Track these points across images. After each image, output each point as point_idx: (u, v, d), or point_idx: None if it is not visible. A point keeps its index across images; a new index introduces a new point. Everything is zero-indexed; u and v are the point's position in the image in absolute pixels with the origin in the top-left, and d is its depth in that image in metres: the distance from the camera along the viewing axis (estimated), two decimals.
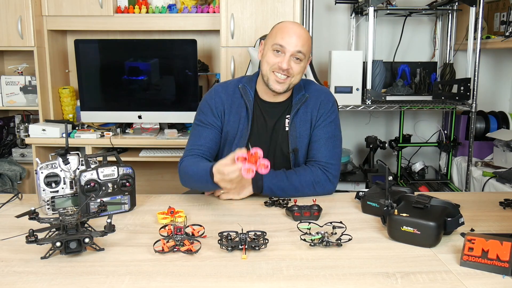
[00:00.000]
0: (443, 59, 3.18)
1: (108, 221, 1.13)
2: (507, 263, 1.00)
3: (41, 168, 1.37)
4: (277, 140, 1.65)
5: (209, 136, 1.63)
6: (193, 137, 1.65)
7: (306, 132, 1.64)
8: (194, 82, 2.80)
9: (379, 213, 1.34)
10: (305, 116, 1.64)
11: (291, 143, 1.63)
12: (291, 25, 1.56)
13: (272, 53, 1.54)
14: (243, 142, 1.61)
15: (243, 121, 1.63)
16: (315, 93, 1.66)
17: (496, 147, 2.80)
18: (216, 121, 1.64)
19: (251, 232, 1.18)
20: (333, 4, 3.05)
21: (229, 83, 1.70)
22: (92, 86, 2.86)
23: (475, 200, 1.54)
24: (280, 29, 1.55)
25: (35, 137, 2.73)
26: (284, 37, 1.52)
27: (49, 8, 2.78)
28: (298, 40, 1.52)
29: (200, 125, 1.65)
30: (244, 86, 1.65)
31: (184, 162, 1.58)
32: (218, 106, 1.64)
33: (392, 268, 1.04)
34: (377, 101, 2.75)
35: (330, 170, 1.60)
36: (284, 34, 1.52)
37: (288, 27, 1.54)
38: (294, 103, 1.64)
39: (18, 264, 1.06)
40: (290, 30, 1.53)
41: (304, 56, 1.54)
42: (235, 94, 1.65)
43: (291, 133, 1.63)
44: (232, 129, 1.64)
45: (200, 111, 1.67)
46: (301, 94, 1.64)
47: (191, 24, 2.81)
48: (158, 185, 3.17)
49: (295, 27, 1.55)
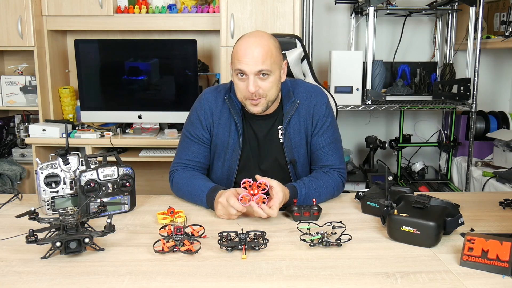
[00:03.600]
0: (443, 59, 3.18)
1: (108, 221, 1.13)
2: (507, 263, 1.00)
3: (41, 168, 1.37)
4: (271, 152, 1.60)
5: (197, 151, 1.60)
6: (181, 149, 1.62)
7: (302, 142, 1.59)
8: (194, 82, 2.80)
9: (379, 213, 1.34)
10: (298, 125, 1.58)
11: (287, 154, 1.58)
12: (245, 44, 1.43)
13: (237, 78, 1.47)
14: (236, 157, 1.58)
15: (233, 135, 1.58)
16: (306, 97, 1.58)
17: (496, 147, 2.80)
18: (204, 134, 1.59)
19: (251, 232, 1.18)
20: (333, 4, 3.05)
21: (218, 91, 1.63)
22: (92, 86, 2.86)
23: (475, 200, 1.54)
24: (236, 52, 1.44)
25: (35, 137, 2.73)
26: (241, 61, 1.42)
27: (49, 8, 2.78)
28: (255, 59, 1.40)
29: (188, 138, 1.60)
30: (230, 97, 1.58)
31: (176, 176, 1.57)
32: (207, 117, 1.59)
33: (392, 268, 1.04)
34: (377, 101, 2.75)
35: (343, 174, 1.60)
36: (240, 57, 1.42)
37: (242, 48, 1.43)
38: (285, 112, 1.57)
39: (18, 264, 1.06)
40: (245, 51, 1.41)
41: (270, 70, 1.43)
42: (224, 105, 1.59)
43: (285, 144, 1.57)
44: (221, 142, 1.59)
45: (189, 121, 1.62)
46: (291, 101, 1.57)
47: (191, 24, 2.81)
48: (158, 185, 3.17)
49: (250, 45, 1.42)
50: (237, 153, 1.58)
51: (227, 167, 1.60)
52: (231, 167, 1.59)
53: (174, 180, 1.57)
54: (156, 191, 2.78)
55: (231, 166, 1.59)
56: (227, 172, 1.60)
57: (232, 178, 1.60)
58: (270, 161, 1.61)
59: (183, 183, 1.53)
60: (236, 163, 1.58)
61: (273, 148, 1.60)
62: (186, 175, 1.55)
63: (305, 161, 1.62)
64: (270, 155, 1.61)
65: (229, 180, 1.61)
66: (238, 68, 1.44)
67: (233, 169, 1.59)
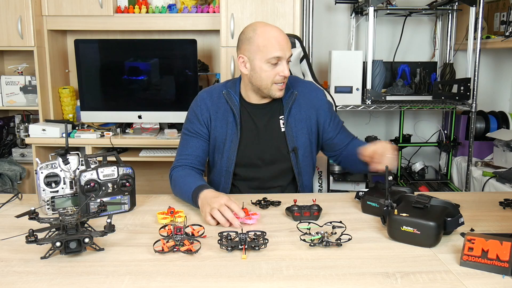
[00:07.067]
0: (443, 59, 3.18)
1: (108, 221, 1.13)
2: (507, 263, 1.00)
3: (41, 168, 1.37)
4: (271, 140, 1.65)
5: (196, 145, 1.64)
6: (181, 146, 1.67)
7: (303, 131, 1.65)
8: (194, 82, 2.80)
9: (379, 213, 1.34)
10: (299, 114, 1.65)
11: (290, 143, 1.64)
12: (275, 32, 1.52)
13: (267, 66, 1.52)
14: (234, 148, 1.62)
15: (231, 126, 1.63)
16: (304, 89, 1.68)
17: (496, 147, 2.80)
18: (202, 128, 1.64)
19: (251, 232, 1.18)
20: (333, 4, 3.05)
21: (213, 88, 1.69)
22: (92, 86, 2.86)
23: (475, 200, 1.54)
24: (268, 40, 1.51)
25: (35, 137, 2.73)
26: (278, 47, 1.50)
27: (49, 8, 2.78)
28: (288, 45, 1.53)
29: (187, 134, 1.66)
30: (228, 92, 1.64)
31: (174, 174, 1.60)
32: (203, 113, 1.64)
33: (392, 268, 1.04)
34: (377, 101, 2.75)
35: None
36: (276, 44, 1.50)
37: (275, 35, 1.51)
38: (284, 102, 1.65)
39: (18, 264, 1.06)
40: (279, 38, 1.51)
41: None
42: (220, 100, 1.65)
43: (287, 132, 1.64)
44: (220, 134, 1.64)
45: (187, 120, 1.68)
46: (289, 92, 1.65)
47: (191, 24, 2.81)
48: (158, 185, 3.17)
49: (279, 33, 1.53)
50: (235, 144, 1.62)
51: (225, 158, 1.63)
52: (229, 157, 1.63)
53: (172, 178, 1.60)
54: (156, 191, 2.77)
55: (230, 156, 1.63)
56: (226, 163, 1.64)
57: (230, 169, 1.63)
58: (271, 150, 1.65)
59: (178, 180, 1.55)
60: (235, 154, 1.62)
61: (274, 137, 1.65)
62: (182, 173, 1.58)
63: (306, 150, 1.67)
64: (271, 144, 1.65)
65: (228, 171, 1.64)
66: (276, 56, 1.51)
67: (231, 160, 1.63)
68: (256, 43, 1.52)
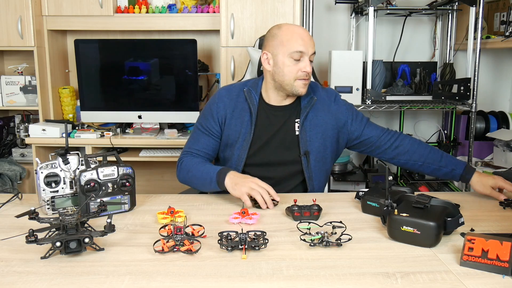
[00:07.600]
0: (443, 59, 3.18)
1: (108, 221, 1.13)
2: (507, 263, 1.00)
3: (41, 168, 1.37)
4: (284, 143, 1.65)
5: (206, 142, 1.67)
6: (192, 139, 1.69)
7: (318, 136, 1.64)
8: (194, 82, 2.80)
9: (379, 213, 1.34)
10: (315, 119, 1.65)
11: (302, 147, 1.63)
12: (297, 29, 1.57)
13: (290, 61, 1.55)
14: (245, 146, 1.63)
15: (245, 125, 1.63)
16: (323, 96, 1.69)
17: (496, 147, 2.80)
18: (215, 126, 1.66)
19: (251, 232, 1.18)
20: (333, 4, 3.05)
21: (233, 86, 1.71)
22: (92, 86, 2.86)
23: (475, 200, 1.54)
24: (291, 35, 1.55)
25: (35, 137, 2.73)
26: (301, 42, 1.54)
27: (49, 8, 2.78)
28: (311, 41, 1.56)
29: (200, 129, 1.68)
30: (249, 90, 1.65)
31: (186, 161, 1.62)
32: (219, 111, 1.65)
33: (392, 268, 1.04)
34: (377, 101, 2.75)
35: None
36: (299, 39, 1.54)
37: (298, 31, 1.56)
38: (303, 106, 1.64)
39: (18, 264, 1.06)
40: (302, 34, 1.55)
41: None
42: (239, 98, 1.66)
43: (301, 136, 1.63)
44: (233, 132, 1.64)
45: (202, 114, 1.70)
46: (309, 97, 1.65)
47: (191, 24, 2.81)
48: (158, 185, 3.17)
49: (302, 30, 1.58)
50: (248, 142, 1.63)
51: (236, 155, 1.64)
52: (240, 156, 1.64)
53: (184, 164, 1.62)
54: (156, 191, 2.78)
55: (240, 155, 1.63)
56: (236, 161, 1.64)
57: (240, 168, 1.64)
58: (283, 151, 1.65)
59: (194, 166, 1.59)
60: (245, 152, 1.63)
61: (287, 139, 1.65)
62: (197, 160, 1.62)
63: (319, 155, 1.65)
64: (284, 147, 1.65)
65: (237, 169, 1.63)
66: (298, 50, 1.53)
67: (242, 158, 1.63)
68: (280, 38, 1.56)
